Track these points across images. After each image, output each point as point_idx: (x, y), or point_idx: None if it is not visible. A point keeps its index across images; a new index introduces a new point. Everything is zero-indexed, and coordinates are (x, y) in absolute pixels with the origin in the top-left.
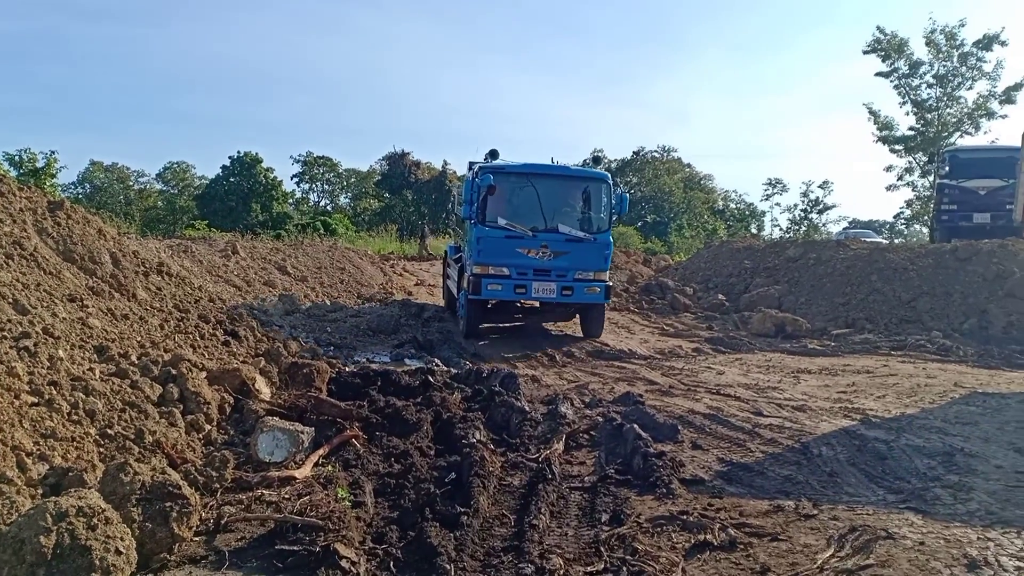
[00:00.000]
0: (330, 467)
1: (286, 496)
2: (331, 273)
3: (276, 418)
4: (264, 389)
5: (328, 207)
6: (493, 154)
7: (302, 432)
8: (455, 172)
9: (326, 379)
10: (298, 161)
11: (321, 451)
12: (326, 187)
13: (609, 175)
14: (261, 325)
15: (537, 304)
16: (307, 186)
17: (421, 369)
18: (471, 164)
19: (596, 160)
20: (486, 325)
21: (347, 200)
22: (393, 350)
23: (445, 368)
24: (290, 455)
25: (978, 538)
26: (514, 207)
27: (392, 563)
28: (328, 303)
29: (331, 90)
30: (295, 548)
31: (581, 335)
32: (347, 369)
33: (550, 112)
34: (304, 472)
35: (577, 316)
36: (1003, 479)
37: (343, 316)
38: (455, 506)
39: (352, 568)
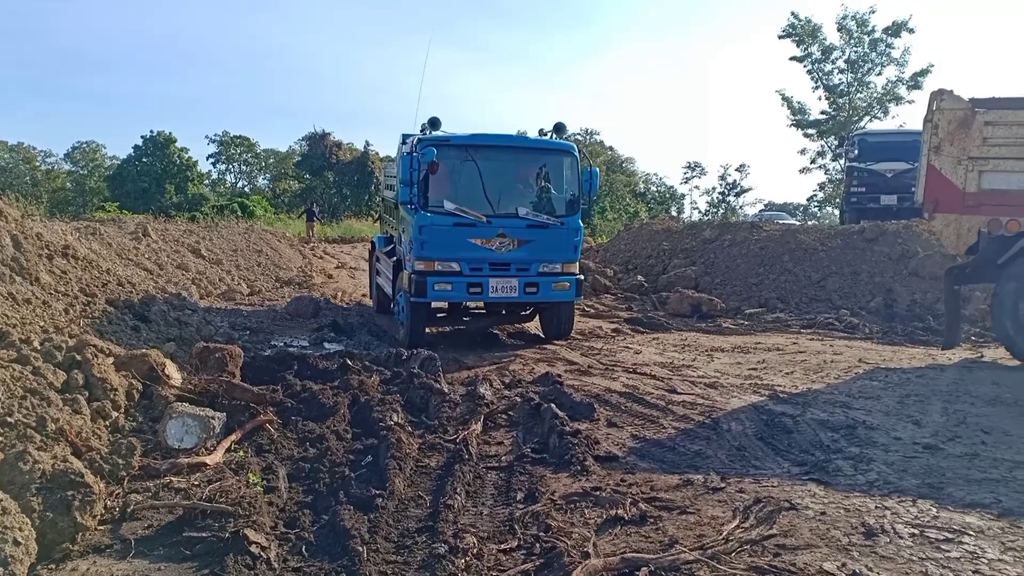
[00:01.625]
0: (242, 453)
1: (196, 483)
2: (248, 256)
3: (186, 404)
4: (174, 374)
5: (246, 189)
6: (434, 123)
7: (213, 418)
8: (377, 153)
9: (239, 363)
10: (214, 141)
11: (233, 437)
12: (244, 168)
13: (575, 146)
14: (173, 309)
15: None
16: (224, 167)
17: (339, 352)
18: (405, 137)
19: (558, 129)
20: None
21: (266, 181)
22: (312, 334)
23: (365, 351)
24: (200, 441)
25: (876, 507)
26: (463, 188)
27: (304, 547)
28: (245, 287)
29: (248, 68)
30: (204, 535)
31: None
32: (264, 353)
33: (472, 94)
34: (215, 458)
35: (538, 315)
36: (901, 450)
37: (259, 300)
38: (370, 489)
39: (262, 553)
